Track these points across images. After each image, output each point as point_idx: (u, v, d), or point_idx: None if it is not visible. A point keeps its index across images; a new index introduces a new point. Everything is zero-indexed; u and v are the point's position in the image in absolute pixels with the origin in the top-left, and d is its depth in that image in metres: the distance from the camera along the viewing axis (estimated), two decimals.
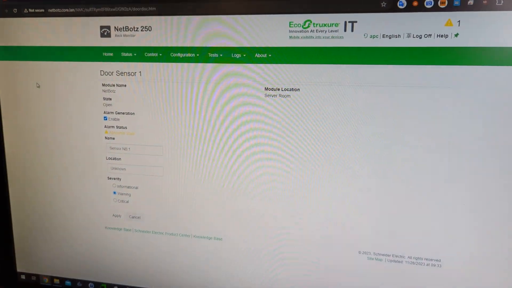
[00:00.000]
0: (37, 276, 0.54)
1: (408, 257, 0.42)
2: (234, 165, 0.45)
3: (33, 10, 0.46)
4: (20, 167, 0.51)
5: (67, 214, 0.50)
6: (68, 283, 0.53)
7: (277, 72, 0.42)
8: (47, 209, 0.51)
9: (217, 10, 0.42)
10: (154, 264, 0.50)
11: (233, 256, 0.47)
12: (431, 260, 0.42)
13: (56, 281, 0.53)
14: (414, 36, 0.38)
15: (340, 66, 0.40)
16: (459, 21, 0.37)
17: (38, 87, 0.48)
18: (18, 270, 0.54)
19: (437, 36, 0.38)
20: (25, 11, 0.46)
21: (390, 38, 0.39)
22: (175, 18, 0.43)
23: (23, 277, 0.54)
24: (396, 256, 0.43)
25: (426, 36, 0.38)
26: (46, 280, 0.54)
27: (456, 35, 0.38)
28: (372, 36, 0.39)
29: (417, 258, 0.42)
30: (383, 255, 0.43)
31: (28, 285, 0.54)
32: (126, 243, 0.50)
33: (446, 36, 0.38)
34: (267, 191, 0.44)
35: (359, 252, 0.44)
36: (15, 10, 0.47)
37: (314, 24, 0.40)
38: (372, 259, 0.43)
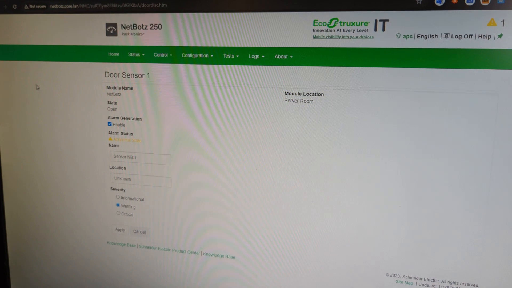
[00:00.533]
0: None
1: (442, 281, 0.39)
2: (249, 177, 0.41)
3: (34, 6, 0.43)
4: (16, 176, 0.47)
5: (66, 227, 0.47)
6: None
7: (299, 75, 0.38)
8: (44, 221, 0.47)
9: (233, 7, 0.39)
10: (160, 283, 0.46)
11: (246, 276, 0.43)
12: (468, 285, 0.38)
13: None
14: (453, 36, 0.35)
15: (369, 69, 0.37)
16: (503, 20, 0.34)
17: (38, 89, 0.44)
18: (12, 287, 0.50)
19: (479, 36, 0.34)
20: (25, 7, 0.43)
21: (426, 38, 0.35)
22: (188, 15, 0.40)
23: None
24: (429, 280, 0.39)
25: (466, 36, 0.35)
26: None
27: (500, 36, 0.34)
28: (406, 37, 0.36)
29: (451, 282, 0.38)
30: (414, 278, 0.39)
31: None
32: (130, 260, 0.46)
33: (489, 37, 0.34)
34: (286, 207, 0.41)
35: (387, 275, 0.40)
36: (14, 6, 0.43)
37: (341, 22, 0.37)
38: (402, 282, 0.39)
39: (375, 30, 0.36)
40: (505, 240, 0.37)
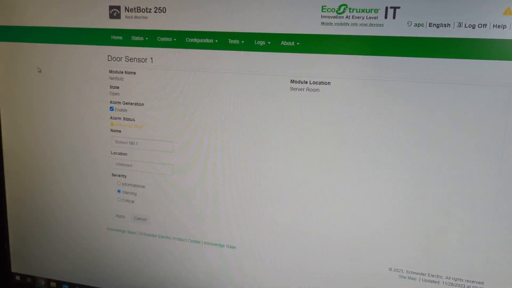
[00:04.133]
0: (33, 278, 0.50)
1: (447, 277, 0.38)
2: (253, 167, 0.40)
3: None
4: (17, 160, 0.47)
5: (66, 212, 0.46)
6: (65, 286, 0.49)
7: (306, 62, 0.37)
8: (45, 206, 0.47)
9: None
10: (159, 270, 0.45)
11: (247, 267, 0.42)
12: (473, 282, 0.37)
13: (53, 284, 0.49)
14: (467, 25, 0.33)
15: (378, 58, 0.36)
16: None
17: (40, 71, 0.44)
18: (13, 270, 0.51)
19: (494, 26, 0.33)
20: None
21: (438, 27, 0.34)
22: None
23: (18, 278, 0.51)
24: (433, 276, 0.38)
25: (480, 26, 0.33)
26: (42, 282, 0.50)
27: None
28: (417, 25, 0.34)
29: (456, 279, 0.37)
30: (417, 273, 0.38)
31: (23, 287, 0.50)
32: (130, 247, 0.46)
33: (504, 27, 0.33)
34: (289, 197, 0.40)
35: (390, 269, 0.39)
36: None
37: (350, 9, 0.35)
38: (405, 277, 0.39)
39: (386, 17, 0.35)
40: None
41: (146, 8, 0.40)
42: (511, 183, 0.35)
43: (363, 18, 0.35)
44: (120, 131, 0.43)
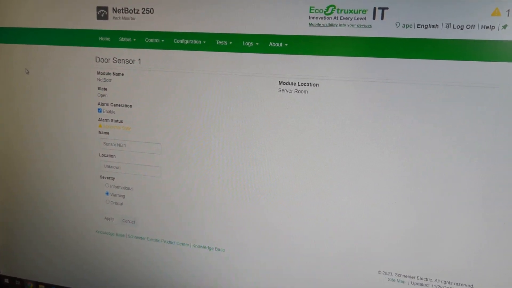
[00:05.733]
0: (22, 280, 0.50)
1: (436, 280, 0.37)
2: (241, 169, 0.40)
3: None
4: (4, 163, 0.47)
5: (54, 215, 0.46)
6: None
7: (294, 64, 0.37)
8: (33, 208, 0.47)
9: None
10: (148, 273, 0.45)
11: (235, 270, 0.42)
12: (462, 285, 0.37)
13: (42, 287, 0.49)
14: (455, 26, 0.33)
15: (366, 59, 0.35)
16: (508, 10, 0.32)
17: (27, 73, 0.43)
18: (1, 273, 0.50)
19: (482, 27, 0.33)
20: None
21: (426, 28, 0.34)
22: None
23: (6, 280, 0.50)
24: (422, 279, 0.38)
25: (468, 27, 0.33)
26: (31, 285, 0.49)
27: (504, 26, 0.32)
28: (406, 26, 0.34)
29: (445, 282, 0.37)
30: (406, 276, 0.38)
31: None
32: (119, 250, 0.45)
33: (493, 28, 0.33)
34: (278, 200, 0.39)
35: (379, 272, 0.38)
36: None
37: (338, 10, 0.35)
38: (394, 280, 0.38)
39: (374, 18, 0.35)
40: (502, 240, 0.35)
41: (134, 9, 0.40)
42: (500, 185, 0.34)
43: (351, 19, 0.35)
44: (108, 133, 0.43)
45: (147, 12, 0.39)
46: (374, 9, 0.34)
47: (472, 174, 0.35)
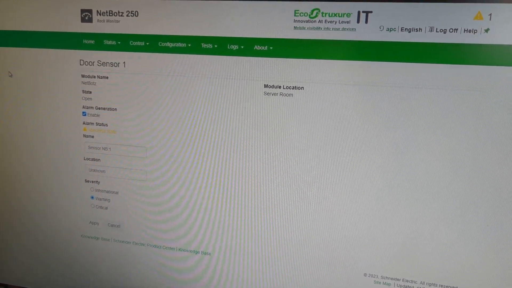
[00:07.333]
0: (6, 286, 0.49)
1: (421, 282, 0.37)
2: (227, 172, 0.40)
3: None
4: None
5: (39, 219, 0.45)
6: None
7: (279, 67, 0.37)
8: (17, 212, 0.46)
9: None
10: (134, 277, 0.45)
11: (222, 273, 0.42)
12: (447, 287, 0.37)
13: None
14: (438, 30, 0.33)
15: (350, 63, 0.35)
16: (490, 14, 0.33)
17: (10, 76, 0.43)
18: None
19: (464, 31, 0.33)
20: None
21: (409, 32, 0.34)
22: (165, 2, 0.38)
23: None
24: (407, 281, 0.38)
25: (451, 30, 0.33)
26: None
27: (487, 30, 0.33)
28: (389, 29, 0.34)
29: (430, 284, 0.37)
30: (392, 279, 0.38)
31: None
32: (104, 254, 0.45)
33: (475, 32, 0.33)
34: (263, 204, 0.39)
35: (365, 275, 0.39)
36: None
37: (322, 13, 0.35)
38: (379, 283, 0.38)
39: (358, 22, 0.35)
40: (486, 242, 0.35)
41: (119, 12, 0.39)
42: (485, 188, 0.35)
43: (335, 23, 0.35)
44: (93, 137, 0.42)
45: (132, 15, 0.39)
46: (358, 12, 0.35)
47: (456, 177, 0.35)
